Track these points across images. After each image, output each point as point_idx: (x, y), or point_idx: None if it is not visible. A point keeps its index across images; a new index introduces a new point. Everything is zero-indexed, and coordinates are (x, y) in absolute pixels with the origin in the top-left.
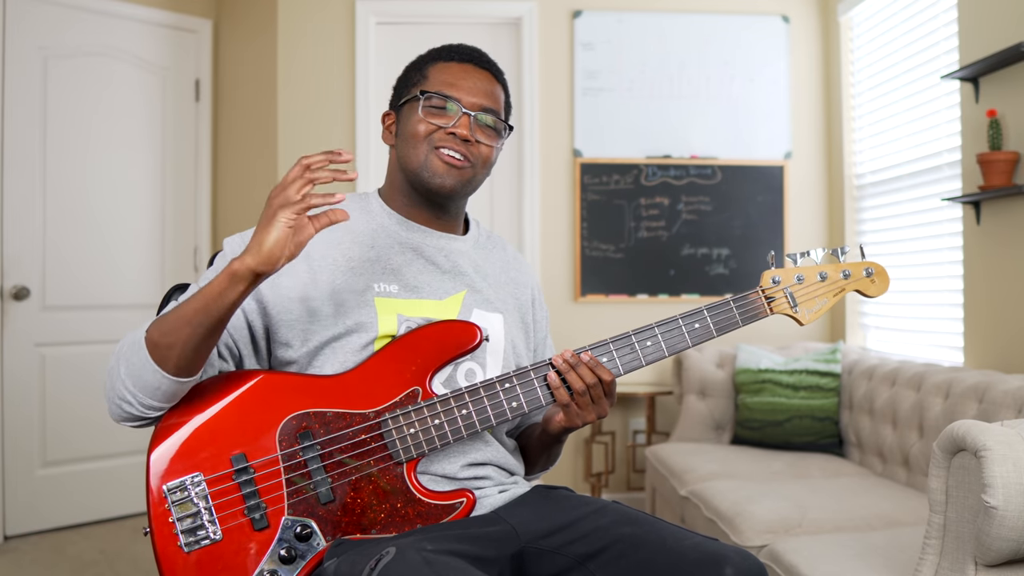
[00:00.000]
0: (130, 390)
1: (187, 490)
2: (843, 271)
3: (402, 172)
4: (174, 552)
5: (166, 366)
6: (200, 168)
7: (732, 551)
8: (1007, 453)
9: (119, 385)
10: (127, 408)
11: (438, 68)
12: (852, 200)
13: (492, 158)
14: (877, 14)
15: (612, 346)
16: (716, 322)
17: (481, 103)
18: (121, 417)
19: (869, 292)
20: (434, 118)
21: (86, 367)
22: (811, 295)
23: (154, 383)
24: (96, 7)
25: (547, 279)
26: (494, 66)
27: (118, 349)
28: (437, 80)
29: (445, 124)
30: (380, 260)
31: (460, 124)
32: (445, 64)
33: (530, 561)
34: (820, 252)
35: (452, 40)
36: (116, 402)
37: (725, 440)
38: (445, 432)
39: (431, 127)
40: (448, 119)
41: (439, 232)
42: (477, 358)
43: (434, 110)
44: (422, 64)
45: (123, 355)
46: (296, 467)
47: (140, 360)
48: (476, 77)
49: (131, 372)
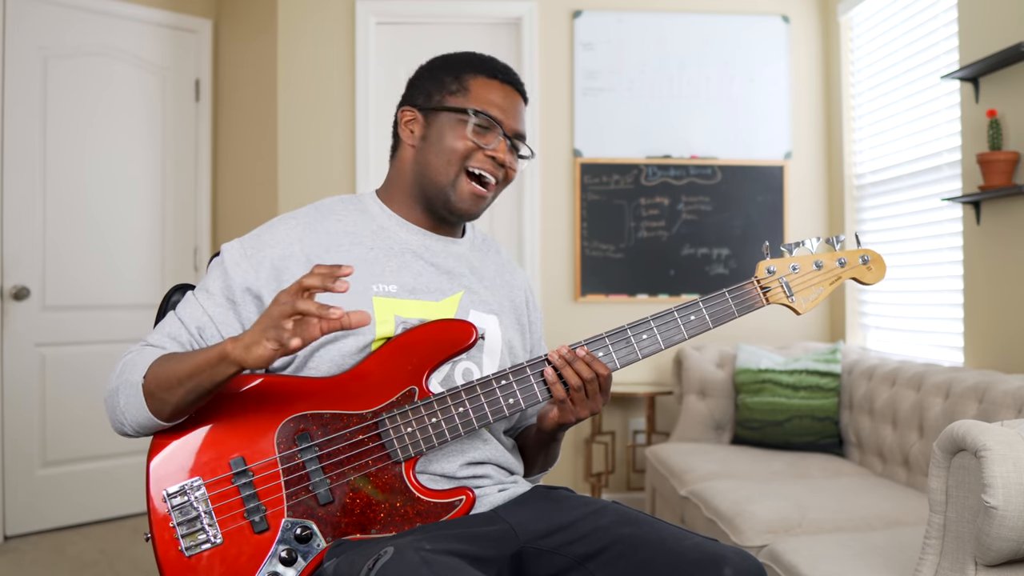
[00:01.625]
0: (128, 421)
1: (187, 495)
2: (839, 259)
3: (420, 177)
4: (175, 557)
5: (160, 415)
6: (200, 168)
7: (731, 551)
8: (1007, 453)
9: (118, 412)
10: (125, 430)
11: (480, 83)
12: (852, 200)
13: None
14: (877, 14)
15: (608, 340)
16: (712, 313)
17: (518, 129)
18: (120, 433)
19: (865, 279)
20: (477, 138)
21: (86, 367)
22: (807, 284)
23: (149, 425)
24: (96, 7)
25: (547, 279)
26: (524, 89)
27: (119, 374)
28: (481, 98)
29: (486, 145)
30: (379, 261)
31: (499, 149)
32: (487, 80)
33: (529, 561)
34: (815, 241)
35: (453, 40)
36: (116, 422)
37: (725, 440)
38: (443, 431)
39: (472, 146)
40: (489, 140)
41: (438, 235)
42: (474, 358)
43: (479, 130)
44: (459, 71)
45: (123, 389)
46: (295, 469)
47: (136, 404)
48: (515, 101)
49: (128, 409)
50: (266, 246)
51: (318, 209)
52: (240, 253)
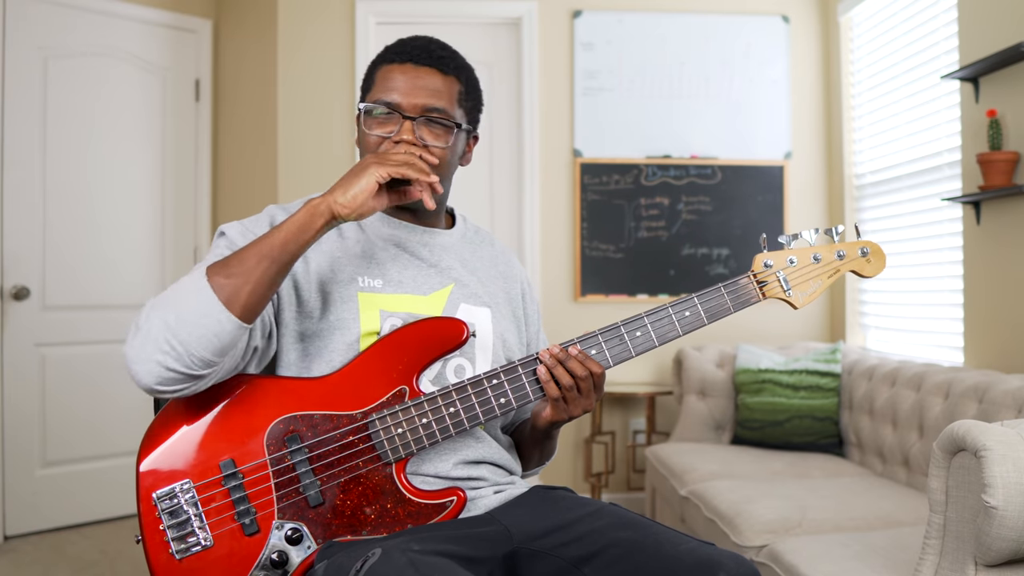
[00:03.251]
0: (181, 340)
1: (176, 498)
2: (838, 252)
3: None
4: (166, 560)
5: (234, 306)
6: (200, 168)
7: (727, 556)
8: (1007, 453)
9: (162, 338)
10: (171, 364)
11: (382, 72)
12: (852, 200)
13: (447, 158)
14: (877, 14)
15: (601, 337)
16: (707, 309)
17: (422, 104)
18: (161, 378)
19: (865, 272)
20: (379, 128)
21: (86, 367)
22: (805, 277)
23: (215, 328)
24: (96, 7)
25: (547, 279)
26: (441, 60)
27: (157, 302)
28: (380, 87)
29: (389, 133)
30: (365, 255)
31: (403, 131)
32: (388, 67)
33: (523, 562)
34: (813, 233)
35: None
36: (156, 359)
37: (725, 440)
38: (433, 431)
39: (377, 139)
40: (392, 127)
41: (423, 227)
42: (466, 354)
43: (378, 118)
44: (372, 68)
45: (169, 303)
46: (285, 471)
47: (203, 302)
48: (415, 75)
49: (184, 320)
50: (266, 226)
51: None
52: (240, 232)
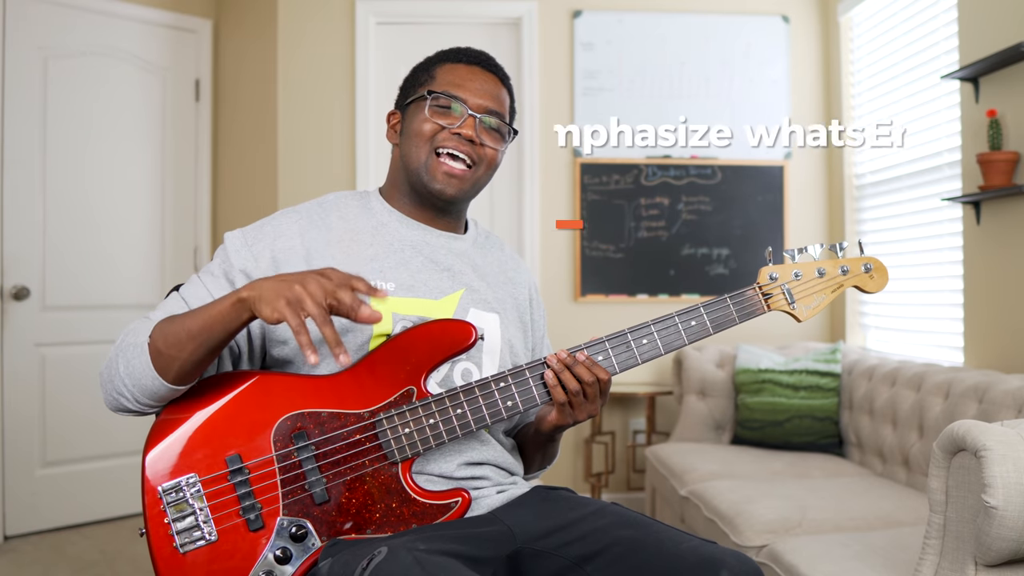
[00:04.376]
0: (128, 388)
1: (182, 491)
2: (841, 267)
3: (404, 171)
4: (170, 553)
5: (167, 376)
6: (200, 168)
7: (729, 554)
8: (1007, 453)
9: (117, 381)
10: (123, 402)
11: (445, 69)
12: (852, 200)
13: (496, 160)
14: (877, 14)
15: (608, 344)
16: (713, 320)
17: (487, 105)
18: (116, 408)
19: (868, 288)
20: (439, 118)
21: (86, 367)
22: (809, 291)
23: (152, 388)
24: (96, 7)
25: (547, 279)
26: (501, 70)
27: (120, 343)
28: (444, 81)
29: (450, 124)
30: (378, 258)
31: (465, 125)
32: (452, 65)
33: (526, 562)
34: (818, 248)
35: (453, 40)
36: (113, 395)
37: (725, 440)
38: (440, 432)
39: (436, 127)
40: (453, 119)
41: (439, 231)
42: (473, 358)
43: (440, 110)
44: (430, 65)
45: (123, 353)
46: (291, 467)
47: (141, 365)
48: (483, 79)
49: (130, 373)
50: (267, 237)
51: (321, 205)
52: (241, 241)
